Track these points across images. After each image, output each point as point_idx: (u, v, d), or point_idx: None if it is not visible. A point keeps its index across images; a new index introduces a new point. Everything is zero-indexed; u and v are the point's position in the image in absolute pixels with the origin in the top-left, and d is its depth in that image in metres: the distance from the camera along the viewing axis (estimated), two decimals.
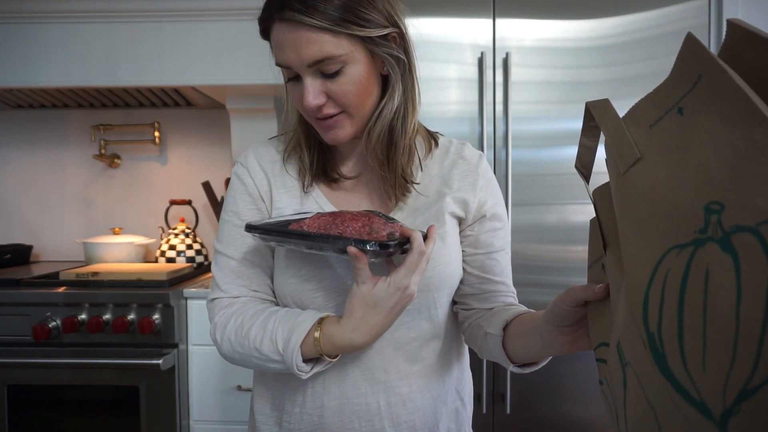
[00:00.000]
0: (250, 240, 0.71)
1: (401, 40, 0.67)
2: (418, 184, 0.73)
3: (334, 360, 0.64)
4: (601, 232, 0.48)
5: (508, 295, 0.76)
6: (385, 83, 0.69)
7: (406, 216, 0.72)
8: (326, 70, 0.63)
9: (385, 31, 0.65)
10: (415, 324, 0.70)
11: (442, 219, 0.71)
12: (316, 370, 0.65)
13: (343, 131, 0.67)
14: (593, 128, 0.48)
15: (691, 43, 0.34)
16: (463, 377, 0.79)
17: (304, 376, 0.64)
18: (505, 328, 0.68)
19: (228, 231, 0.73)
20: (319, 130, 0.69)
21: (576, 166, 0.51)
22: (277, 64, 0.65)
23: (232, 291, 0.72)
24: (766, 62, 0.32)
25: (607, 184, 0.46)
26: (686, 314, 0.31)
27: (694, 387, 0.31)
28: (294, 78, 0.65)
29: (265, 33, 0.66)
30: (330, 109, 0.65)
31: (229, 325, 0.68)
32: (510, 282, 0.77)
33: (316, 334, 0.62)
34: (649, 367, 0.35)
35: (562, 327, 0.57)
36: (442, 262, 0.70)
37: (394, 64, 0.67)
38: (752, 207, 0.28)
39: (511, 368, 0.69)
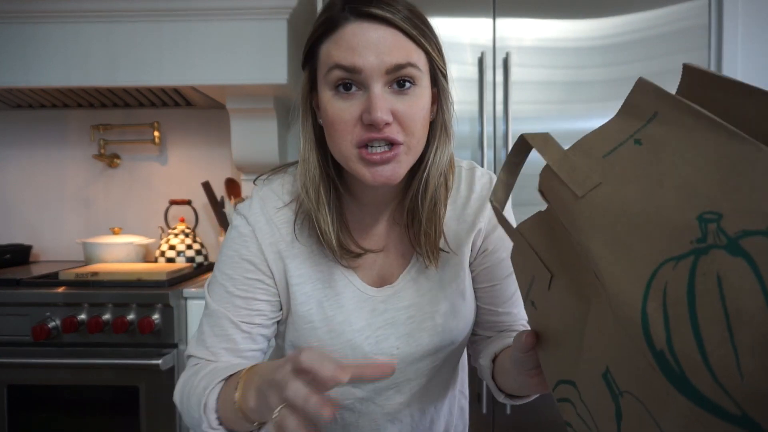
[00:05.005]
0: (242, 304, 0.64)
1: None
2: (449, 252, 0.66)
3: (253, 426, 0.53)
4: (543, 263, 0.47)
5: (513, 325, 0.72)
6: None
7: (432, 275, 0.67)
8: (403, 76, 0.55)
9: (444, 69, 0.61)
10: (436, 371, 0.71)
11: (462, 274, 0.68)
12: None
13: (400, 168, 0.57)
14: (516, 165, 0.50)
15: (642, 86, 0.38)
16: (463, 382, 0.81)
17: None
18: (494, 360, 0.67)
19: (219, 293, 0.64)
20: (365, 168, 0.57)
21: (490, 200, 0.51)
22: (339, 67, 0.55)
23: (212, 352, 0.64)
24: (722, 98, 0.36)
25: (536, 216, 0.47)
26: (703, 325, 0.30)
27: (732, 401, 0.28)
28: (347, 88, 0.56)
29: (321, 38, 0.57)
30: (394, 133, 0.55)
31: (184, 376, 0.62)
32: (517, 309, 0.72)
33: (241, 374, 0.53)
34: (661, 390, 0.32)
35: (528, 371, 0.54)
36: (465, 318, 0.69)
37: (450, 101, 0.61)
38: (758, 213, 0.29)
39: (501, 399, 0.67)
